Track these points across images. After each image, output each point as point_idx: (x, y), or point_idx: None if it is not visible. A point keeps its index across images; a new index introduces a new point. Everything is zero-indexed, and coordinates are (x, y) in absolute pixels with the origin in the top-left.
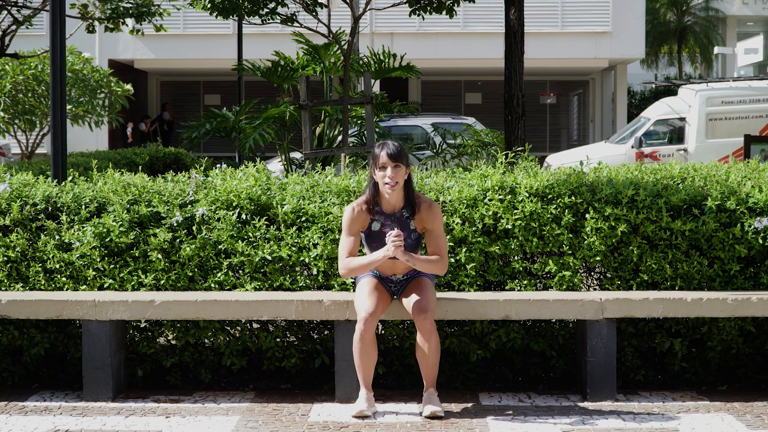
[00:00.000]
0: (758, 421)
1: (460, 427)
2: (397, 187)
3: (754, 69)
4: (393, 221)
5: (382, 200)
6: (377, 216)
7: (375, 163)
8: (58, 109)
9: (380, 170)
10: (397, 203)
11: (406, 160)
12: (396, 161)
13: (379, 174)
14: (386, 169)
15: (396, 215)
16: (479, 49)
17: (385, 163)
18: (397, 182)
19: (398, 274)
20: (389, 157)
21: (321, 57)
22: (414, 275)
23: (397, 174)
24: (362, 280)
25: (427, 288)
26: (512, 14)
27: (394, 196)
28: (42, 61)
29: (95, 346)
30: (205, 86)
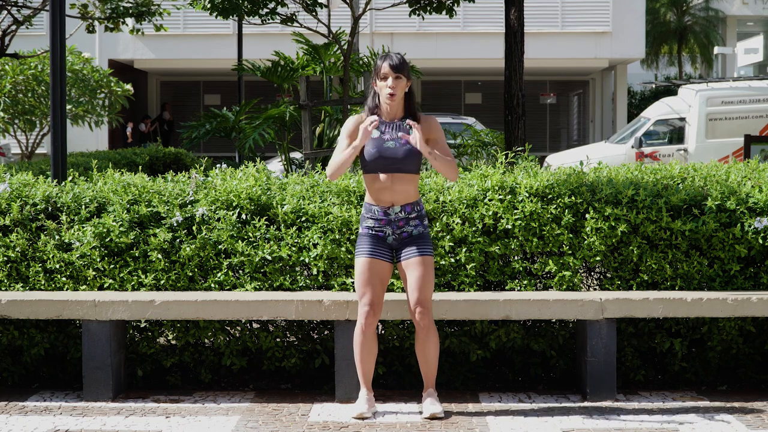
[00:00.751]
0: (758, 421)
1: (460, 427)
2: (396, 97)
3: (754, 69)
4: (393, 128)
5: (383, 109)
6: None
7: (377, 74)
8: (58, 109)
9: (381, 80)
10: (397, 112)
11: (407, 72)
12: (397, 72)
13: (381, 84)
14: (387, 80)
15: (396, 123)
16: (479, 49)
17: (386, 73)
18: (397, 93)
19: (396, 204)
20: (391, 67)
21: (321, 57)
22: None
23: (398, 84)
24: (358, 259)
25: (426, 275)
26: (512, 14)
27: (394, 106)
28: (42, 61)
29: (95, 346)
30: (205, 86)
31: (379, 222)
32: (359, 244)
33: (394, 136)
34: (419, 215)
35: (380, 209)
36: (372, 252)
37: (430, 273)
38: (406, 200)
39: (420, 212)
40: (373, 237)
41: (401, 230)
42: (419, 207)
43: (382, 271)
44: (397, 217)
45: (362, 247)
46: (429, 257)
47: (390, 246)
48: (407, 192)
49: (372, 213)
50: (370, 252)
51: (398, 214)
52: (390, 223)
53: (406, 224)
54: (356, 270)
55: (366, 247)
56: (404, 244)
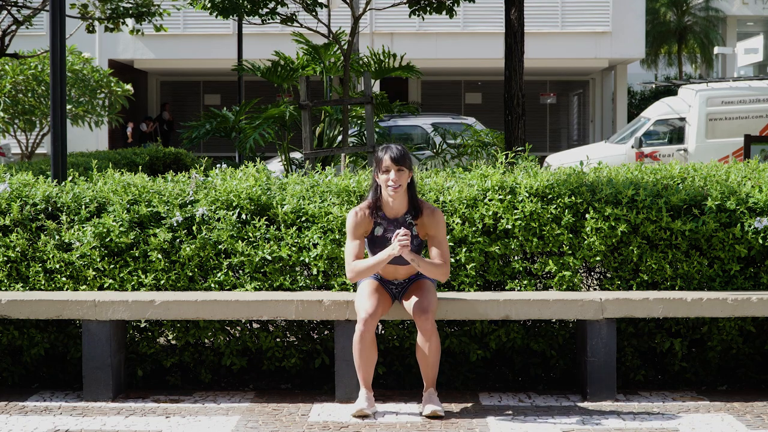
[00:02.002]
0: (758, 421)
1: (460, 427)
2: (400, 189)
3: (754, 69)
4: (396, 226)
5: (385, 205)
6: (380, 221)
7: (378, 167)
8: (58, 109)
9: (383, 174)
10: (400, 208)
11: (409, 164)
12: (399, 165)
13: (383, 177)
14: (389, 173)
15: (399, 220)
16: (479, 49)
17: (388, 166)
18: (400, 185)
19: (400, 278)
20: (392, 160)
21: (321, 57)
22: (415, 279)
23: (401, 177)
24: (363, 281)
25: (428, 290)
26: (512, 14)
27: (397, 200)
28: (42, 61)
29: (95, 346)
30: (205, 86)
31: (382, 282)
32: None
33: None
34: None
35: (385, 279)
36: (378, 280)
37: (432, 289)
38: (409, 274)
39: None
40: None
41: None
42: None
43: (385, 296)
44: (400, 283)
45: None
46: (430, 281)
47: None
48: (410, 270)
49: (376, 276)
50: (376, 279)
51: (401, 281)
52: (394, 285)
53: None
54: (359, 291)
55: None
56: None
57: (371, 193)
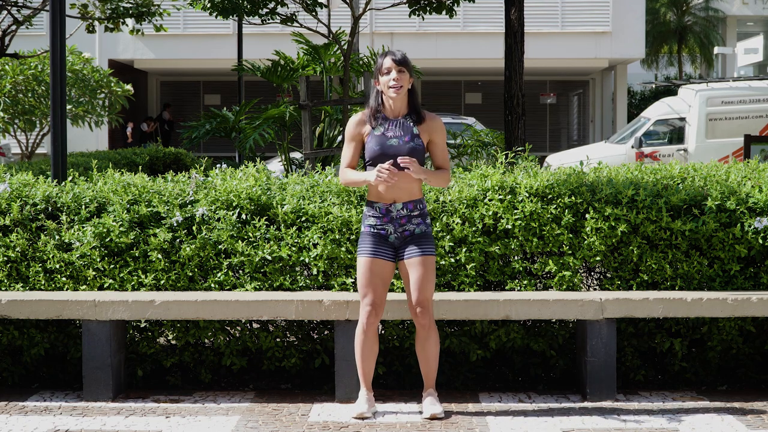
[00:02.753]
0: (758, 421)
1: (460, 427)
2: (401, 91)
3: (754, 69)
4: (396, 125)
5: (386, 107)
6: (381, 121)
7: (379, 71)
8: (58, 109)
9: (384, 75)
10: (401, 109)
11: (409, 67)
12: (401, 65)
13: (384, 79)
14: (391, 73)
15: (400, 120)
16: (479, 49)
17: (390, 67)
18: (402, 86)
19: (398, 201)
20: (394, 61)
21: (321, 57)
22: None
23: (402, 78)
24: (361, 259)
25: (427, 277)
26: (512, 14)
27: (398, 102)
28: (42, 61)
29: (95, 346)
30: (205, 86)
31: (381, 219)
32: (361, 243)
33: (397, 134)
34: (421, 213)
35: (382, 206)
36: (374, 252)
37: (432, 273)
38: (409, 197)
39: (422, 210)
40: (375, 236)
41: (403, 228)
42: (422, 205)
43: (384, 271)
44: (399, 215)
45: (364, 246)
46: (431, 257)
47: (392, 245)
48: (410, 189)
49: (374, 211)
50: (372, 252)
51: (400, 211)
52: (392, 220)
53: (408, 222)
54: (358, 269)
55: (368, 247)
56: (406, 243)
57: (371, 99)
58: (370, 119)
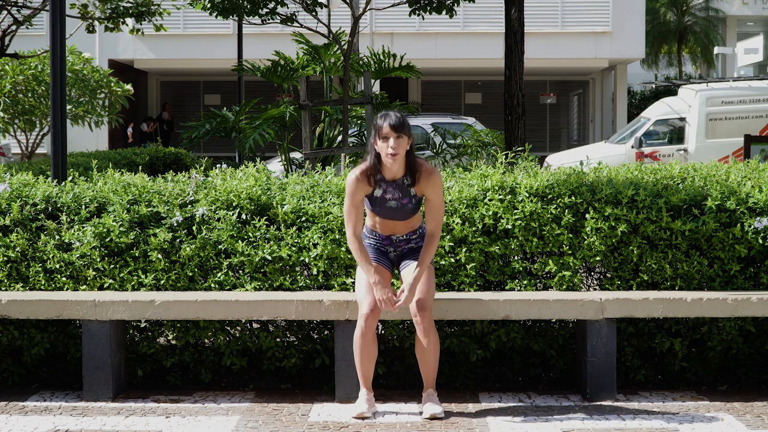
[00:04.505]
0: (758, 421)
1: (460, 427)
2: (398, 158)
3: (754, 69)
4: (395, 188)
5: (384, 169)
6: (379, 183)
7: (377, 134)
8: (58, 109)
9: (383, 141)
10: (398, 171)
11: (408, 131)
12: (399, 132)
13: (382, 144)
14: (389, 140)
15: (398, 182)
16: (479, 49)
17: (387, 133)
18: (399, 153)
19: (397, 234)
20: (392, 128)
21: (321, 57)
22: (414, 245)
23: (400, 145)
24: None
25: (427, 281)
26: (512, 14)
27: (395, 165)
28: (42, 61)
29: (95, 346)
30: (205, 86)
31: (382, 242)
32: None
33: (396, 196)
34: (420, 235)
35: (383, 235)
36: (374, 259)
37: (431, 277)
38: (410, 230)
39: (421, 232)
40: (375, 248)
41: (402, 248)
42: (421, 229)
43: (383, 277)
44: (399, 239)
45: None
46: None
47: (390, 259)
48: (410, 226)
49: (375, 237)
50: (372, 258)
51: (400, 238)
52: (392, 243)
53: (407, 244)
54: (358, 275)
55: (369, 253)
56: (404, 257)
57: (370, 157)
58: (368, 178)
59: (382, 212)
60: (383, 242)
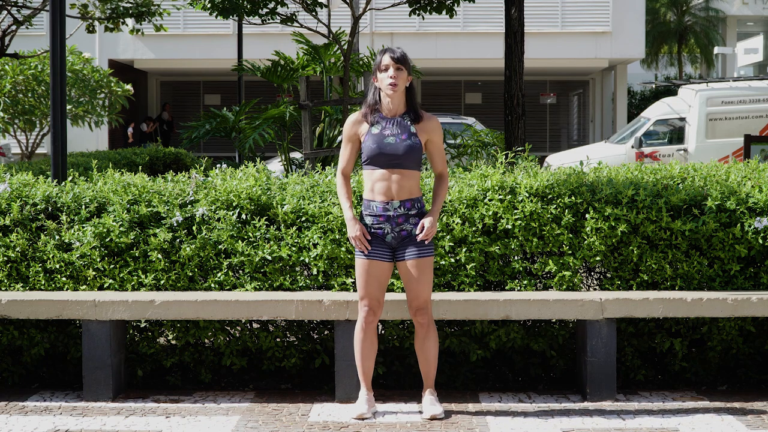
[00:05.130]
0: (758, 421)
1: (460, 427)
2: (398, 89)
3: (754, 69)
4: (394, 124)
5: (383, 105)
6: (378, 120)
7: (377, 67)
8: (58, 109)
9: (382, 72)
10: (398, 108)
11: (408, 66)
12: (399, 63)
13: (381, 76)
14: (388, 70)
15: (397, 119)
16: (479, 49)
17: (387, 64)
18: (399, 84)
19: (396, 200)
20: (392, 59)
21: (321, 57)
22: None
23: (399, 76)
24: (358, 260)
25: (426, 275)
26: (512, 14)
27: (395, 100)
28: (42, 61)
29: (95, 346)
30: (205, 86)
31: (378, 219)
32: (358, 253)
33: (394, 132)
34: (419, 212)
35: (379, 204)
36: (371, 253)
37: (430, 273)
38: (407, 196)
39: (420, 209)
40: (372, 236)
41: (400, 227)
42: (420, 204)
43: (382, 272)
44: (396, 213)
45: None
46: (429, 258)
47: (389, 245)
48: (408, 187)
49: (371, 209)
50: (369, 252)
51: (397, 209)
52: (389, 219)
53: (405, 221)
54: (356, 270)
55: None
56: (404, 243)
57: (369, 96)
58: (367, 116)
59: (379, 150)
60: (379, 219)
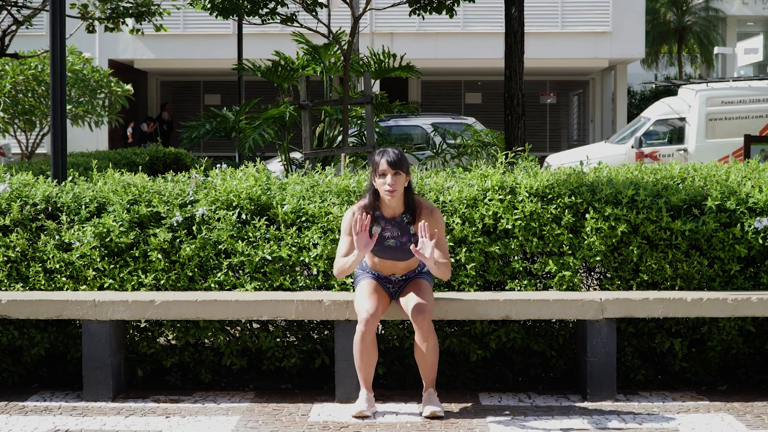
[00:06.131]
0: (758, 421)
1: (460, 427)
2: (396, 194)
3: (754, 69)
4: (393, 225)
5: (383, 205)
6: (378, 220)
7: (375, 171)
8: (58, 109)
9: (380, 177)
10: (397, 208)
11: (406, 167)
12: (396, 168)
13: (379, 181)
14: (386, 177)
15: (396, 220)
16: (479, 49)
17: (385, 170)
18: (396, 189)
19: (397, 274)
20: (389, 164)
21: (321, 57)
22: (412, 277)
23: (397, 181)
24: (361, 281)
25: (425, 289)
26: (512, 14)
27: (393, 202)
28: (42, 61)
29: (95, 346)
30: (206, 86)
31: (381, 280)
32: (360, 276)
33: (394, 234)
34: (419, 271)
35: (382, 275)
36: (376, 278)
37: (429, 289)
38: (407, 270)
39: (420, 270)
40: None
41: (401, 285)
42: (420, 266)
43: (383, 296)
44: (398, 280)
45: (364, 275)
46: (427, 280)
47: (390, 292)
48: (409, 266)
49: (373, 273)
50: (374, 277)
51: (399, 278)
52: (391, 282)
53: (405, 282)
54: (358, 290)
55: (369, 276)
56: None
57: (369, 194)
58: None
59: (381, 252)
60: (383, 280)
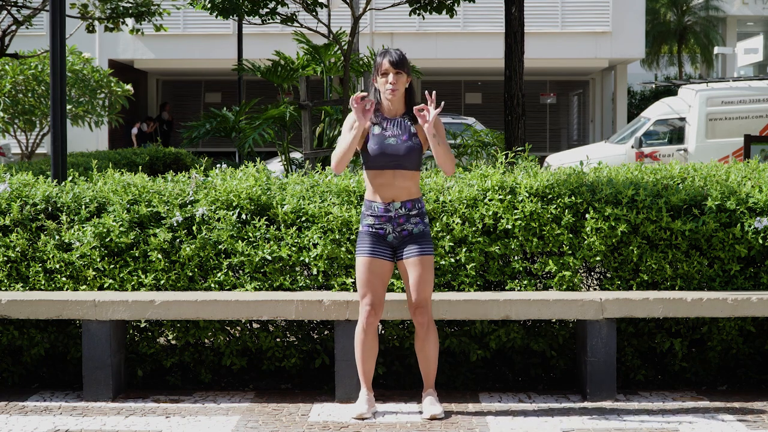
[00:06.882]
0: (758, 421)
1: (460, 427)
2: (397, 93)
3: (754, 69)
4: (394, 125)
5: (384, 106)
6: (379, 120)
7: (377, 71)
8: (58, 109)
9: (382, 77)
10: (398, 109)
11: (407, 68)
12: (398, 68)
13: (381, 80)
14: (388, 75)
15: (398, 120)
16: (479, 49)
17: (387, 69)
18: (398, 89)
19: (397, 201)
20: (391, 63)
21: (321, 57)
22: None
23: (399, 81)
24: (359, 258)
25: (426, 279)
26: (512, 14)
27: (395, 102)
28: (42, 61)
29: (95, 346)
30: (206, 86)
31: (379, 219)
32: (360, 243)
33: (395, 133)
34: (420, 213)
35: (380, 205)
36: (372, 251)
37: (430, 272)
38: (407, 197)
39: (420, 210)
40: (373, 235)
41: (401, 227)
42: (420, 204)
43: (383, 271)
44: (398, 214)
45: (363, 246)
46: (429, 256)
47: (390, 244)
48: (408, 188)
49: (372, 210)
50: (370, 251)
51: (398, 210)
52: (390, 220)
53: (406, 221)
54: (357, 269)
55: (366, 247)
56: (405, 243)
57: (370, 95)
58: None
59: (381, 151)
60: (380, 219)
